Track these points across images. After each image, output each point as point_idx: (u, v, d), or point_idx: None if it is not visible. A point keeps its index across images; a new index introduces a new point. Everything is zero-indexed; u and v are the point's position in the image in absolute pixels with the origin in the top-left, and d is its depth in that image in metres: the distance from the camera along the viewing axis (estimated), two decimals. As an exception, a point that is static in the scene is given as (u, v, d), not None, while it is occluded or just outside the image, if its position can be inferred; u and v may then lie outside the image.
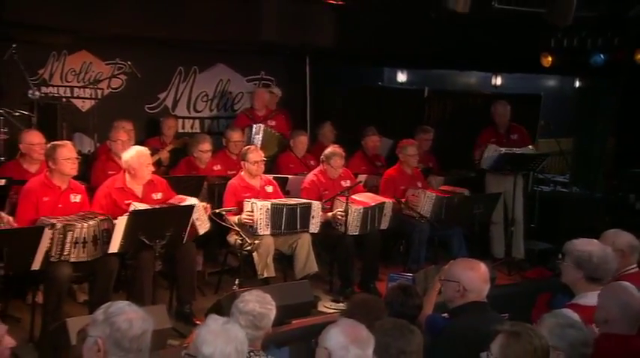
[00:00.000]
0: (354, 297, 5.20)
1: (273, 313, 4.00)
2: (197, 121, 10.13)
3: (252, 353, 3.76)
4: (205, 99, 10.21)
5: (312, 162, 8.21)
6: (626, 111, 10.56)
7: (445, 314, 4.40)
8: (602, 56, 9.72)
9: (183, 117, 9.90)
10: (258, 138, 8.44)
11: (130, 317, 2.93)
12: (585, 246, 4.42)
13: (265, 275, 6.48)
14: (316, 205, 6.78)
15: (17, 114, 7.67)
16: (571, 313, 3.84)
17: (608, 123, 11.00)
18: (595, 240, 4.58)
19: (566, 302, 4.50)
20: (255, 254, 6.37)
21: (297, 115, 10.27)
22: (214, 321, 3.29)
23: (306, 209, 6.68)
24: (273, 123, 9.05)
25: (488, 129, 8.53)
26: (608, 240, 4.73)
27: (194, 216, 6.08)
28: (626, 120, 10.52)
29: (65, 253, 5.45)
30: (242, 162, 6.94)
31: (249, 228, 6.49)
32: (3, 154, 7.36)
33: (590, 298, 4.16)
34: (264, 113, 9.16)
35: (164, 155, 8.18)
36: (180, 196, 6.32)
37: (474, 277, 4.07)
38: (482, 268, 4.15)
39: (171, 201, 6.29)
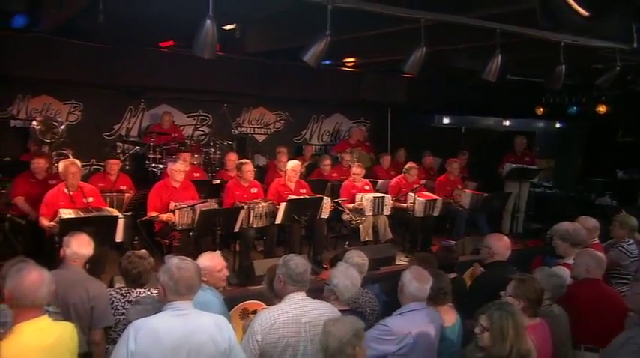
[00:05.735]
0: (416, 254, 5.06)
1: (367, 262, 3.97)
2: (323, 147, 10.18)
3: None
4: (328, 134, 10.27)
5: (392, 172, 8.06)
6: (589, 143, 10.53)
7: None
8: (575, 108, 9.78)
9: (315, 145, 9.94)
10: (354, 157, 8.36)
11: (296, 261, 2.96)
12: (564, 226, 4.34)
13: (367, 239, 6.43)
14: (388, 197, 6.62)
15: (225, 143, 8.02)
16: (560, 268, 3.74)
17: (577, 150, 10.76)
18: (572, 223, 4.47)
19: (553, 261, 4.34)
20: (361, 226, 6.35)
21: (381, 144, 10.17)
22: (341, 265, 3.34)
23: (383, 199, 6.57)
24: (360, 148, 8.93)
25: (510, 153, 8.27)
26: (579, 222, 4.58)
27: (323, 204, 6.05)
28: (589, 148, 10.48)
29: (250, 222, 5.60)
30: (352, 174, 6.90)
31: (359, 211, 6.43)
32: (218, 166, 7.64)
33: (571, 259, 4.01)
34: (355, 142, 9.02)
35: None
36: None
37: (499, 245, 3.96)
38: (506, 239, 4.03)
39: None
